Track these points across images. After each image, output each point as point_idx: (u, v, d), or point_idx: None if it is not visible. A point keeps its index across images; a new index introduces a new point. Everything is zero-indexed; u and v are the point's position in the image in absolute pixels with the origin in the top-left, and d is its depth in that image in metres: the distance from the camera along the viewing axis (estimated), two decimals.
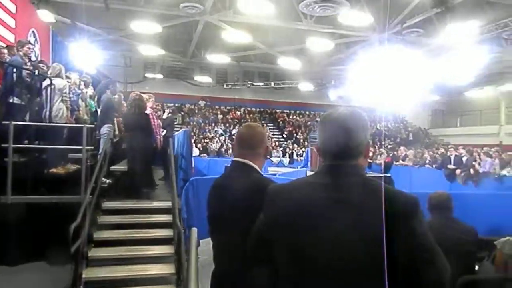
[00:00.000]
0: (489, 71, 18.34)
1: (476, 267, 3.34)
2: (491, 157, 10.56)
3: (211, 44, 19.70)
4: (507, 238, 2.87)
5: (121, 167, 6.06)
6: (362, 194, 1.15)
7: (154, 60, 22.57)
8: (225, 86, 24.33)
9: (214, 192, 1.88)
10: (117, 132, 6.51)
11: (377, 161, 13.82)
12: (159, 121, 6.29)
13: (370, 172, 12.50)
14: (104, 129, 6.01)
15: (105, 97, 6.36)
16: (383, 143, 22.38)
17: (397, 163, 13.84)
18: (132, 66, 22.25)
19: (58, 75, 5.86)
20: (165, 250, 4.49)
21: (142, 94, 6.12)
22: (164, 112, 8.11)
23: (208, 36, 18.16)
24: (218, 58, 20.10)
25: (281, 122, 24.86)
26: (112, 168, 5.99)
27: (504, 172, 9.86)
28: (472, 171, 10.53)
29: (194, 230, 2.37)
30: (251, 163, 1.78)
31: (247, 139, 1.84)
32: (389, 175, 11.55)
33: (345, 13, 12.18)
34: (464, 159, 11.16)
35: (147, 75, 23.03)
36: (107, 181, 5.76)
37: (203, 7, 13.44)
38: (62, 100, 5.73)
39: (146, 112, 5.96)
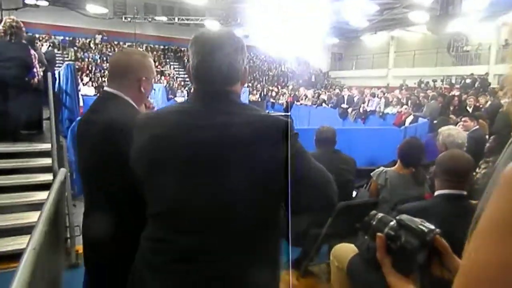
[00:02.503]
0: (382, 16, 19.62)
1: (354, 194, 3.70)
2: (377, 97, 11.61)
3: None
4: (382, 169, 3.12)
5: None
6: (236, 120, 1.06)
7: None
8: (124, 19, 22.13)
9: (79, 129, 1.60)
10: None
11: (280, 101, 14.27)
12: (35, 53, 5.44)
13: (272, 112, 12.96)
14: None
15: None
16: (287, 84, 23.14)
17: (298, 102, 14.50)
18: None
19: None
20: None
21: (19, 21, 5.18)
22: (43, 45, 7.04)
23: None
24: None
25: (186, 61, 23.89)
26: None
27: (387, 110, 11.00)
28: (361, 109, 11.53)
29: (62, 171, 2.12)
30: (120, 93, 1.55)
31: (116, 66, 1.59)
32: (289, 113, 12.14)
33: None
34: (355, 99, 12.10)
35: (27, 1, 19.71)
36: None
37: None
38: None
39: (24, 41, 5.09)
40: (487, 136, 5.86)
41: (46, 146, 4.73)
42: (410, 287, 0.74)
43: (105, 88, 1.60)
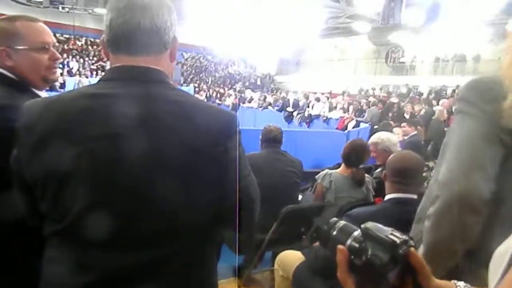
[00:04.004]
0: (327, 25, 20.24)
1: (300, 197, 3.60)
2: (322, 102, 11.89)
3: None
4: (326, 171, 3.05)
5: None
6: (170, 108, 0.85)
7: None
8: (61, 9, 20.63)
9: None
10: None
11: (226, 103, 14.15)
12: None
13: None
14: None
15: None
16: (234, 86, 23.02)
17: (244, 104, 14.49)
18: None
19: None
20: None
21: None
22: None
23: None
24: None
25: None
26: None
27: (331, 115, 11.30)
28: (306, 113, 11.74)
29: None
30: (4, 71, 1.24)
31: None
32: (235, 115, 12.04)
33: None
34: (300, 103, 12.29)
35: None
36: None
37: None
38: None
39: None
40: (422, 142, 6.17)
41: None
42: None
43: None
